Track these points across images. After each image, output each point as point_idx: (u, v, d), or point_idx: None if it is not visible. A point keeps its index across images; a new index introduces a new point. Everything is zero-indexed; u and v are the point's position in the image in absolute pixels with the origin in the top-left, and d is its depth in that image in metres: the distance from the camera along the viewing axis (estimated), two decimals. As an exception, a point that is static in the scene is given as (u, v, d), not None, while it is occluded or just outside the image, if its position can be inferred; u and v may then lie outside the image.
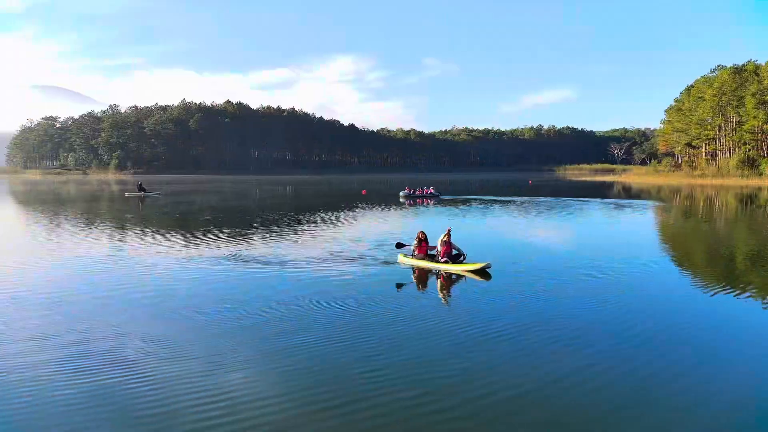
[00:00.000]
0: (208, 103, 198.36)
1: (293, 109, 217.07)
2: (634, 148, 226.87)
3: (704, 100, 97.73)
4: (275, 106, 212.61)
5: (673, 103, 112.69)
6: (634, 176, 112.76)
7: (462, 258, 16.81)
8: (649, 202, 49.95)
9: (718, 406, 7.65)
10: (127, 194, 62.93)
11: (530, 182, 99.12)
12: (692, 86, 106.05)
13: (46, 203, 51.40)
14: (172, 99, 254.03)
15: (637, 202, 49.89)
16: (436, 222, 31.32)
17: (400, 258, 17.94)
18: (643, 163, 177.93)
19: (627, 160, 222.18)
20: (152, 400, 7.67)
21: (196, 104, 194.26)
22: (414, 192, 56.70)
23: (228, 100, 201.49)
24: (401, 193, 57.20)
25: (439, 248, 16.99)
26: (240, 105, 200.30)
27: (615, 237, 26.76)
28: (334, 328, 10.82)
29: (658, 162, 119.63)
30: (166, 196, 61.46)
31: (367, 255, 19.23)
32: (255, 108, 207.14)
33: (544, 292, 13.83)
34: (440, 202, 48.95)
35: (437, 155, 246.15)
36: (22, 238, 26.65)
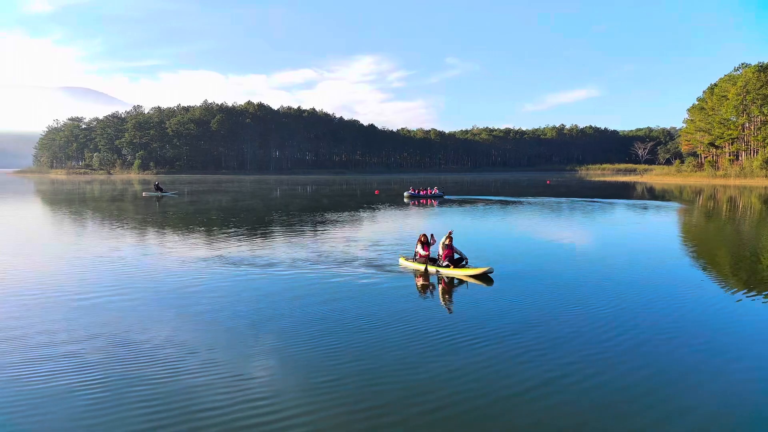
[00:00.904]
0: (230, 104, 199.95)
1: (314, 109, 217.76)
2: (658, 147, 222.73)
3: (727, 99, 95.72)
4: (296, 107, 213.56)
5: (696, 102, 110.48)
6: (656, 176, 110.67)
7: (464, 262, 16.58)
8: (668, 204, 48.90)
9: (733, 413, 7.65)
10: (144, 194, 64.01)
11: (549, 182, 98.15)
12: (716, 85, 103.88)
13: (63, 203, 52.46)
14: (197, 100, 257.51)
15: (656, 203, 48.94)
16: (439, 223, 31.09)
17: (401, 261, 17.73)
18: (668, 162, 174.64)
19: (651, 159, 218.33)
20: (161, 403, 7.86)
21: (217, 105, 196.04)
22: (418, 192, 56.93)
23: (249, 101, 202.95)
24: (405, 193, 57.57)
25: (440, 252, 16.74)
26: (261, 105, 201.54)
27: (625, 241, 25.96)
28: (333, 332, 10.85)
29: (681, 162, 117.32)
30: (181, 195, 62.22)
31: (368, 257, 19.13)
32: (276, 108, 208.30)
33: (546, 299, 13.57)
34: (444, 202, 48.80)
35: (457, 155, 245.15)
36: (24, 237, 27.16)
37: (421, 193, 56.73)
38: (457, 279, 15.78)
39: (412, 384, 8.48)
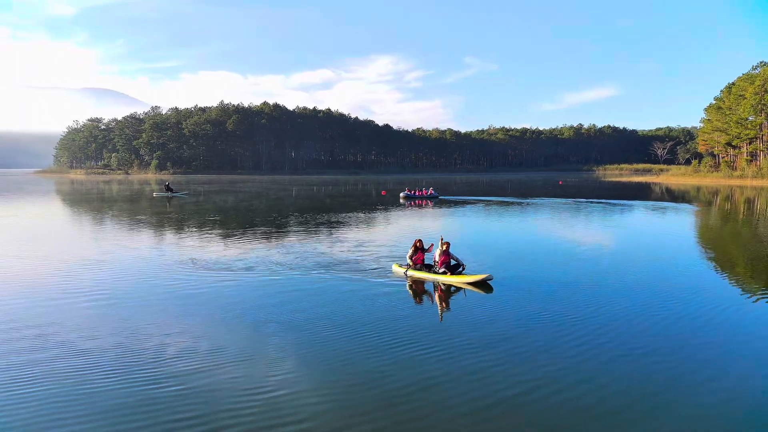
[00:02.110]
0: (246, 104, 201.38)
1: (329, 109, 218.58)
2: (678, 147, 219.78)
3: (745, 98, 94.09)
4: (311, 107, 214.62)
5: (713, 102, 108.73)
6: (671, 177, 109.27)
7: (461, 269, 15.81)
8: (679, 205, 47.91)
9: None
10: (154, 194, 64.83)
11: (561, 183, 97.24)
12: (733, 84, 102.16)
13: (70, 202, 53.40)
14: (217, 100, 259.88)
15: (666, 205, 48.21)
16: (437, 226, 30.80)
17: (395, 268, 16.90)
18: (688, 162, 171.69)
19: (670, 159, 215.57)
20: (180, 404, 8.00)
21: (234, 105, 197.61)
22: (413, 193, 56.92)
23: (265, 102, 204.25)
24: (401, 194, 57.45)
25: (436, 258, 16.00)
26: (276, 106, 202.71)
27: (634, 245, 24.55)
28: (323, 341, 10.48)
29: (698, 162, 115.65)
30: (191, 196, 62.82)
31: (359, 262, 18.46)
32: (291, 109, 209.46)
33: (550, 308, 12.80)
34: (441, 203, 48.53)
35: (473, 155, 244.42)
36: (15, 237, 27.62)
37: (417, 193, 56.60)
38: (454, 287, 15.05)
39: (399, 414, 7.82)
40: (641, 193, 67.48)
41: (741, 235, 28.77)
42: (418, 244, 16.51)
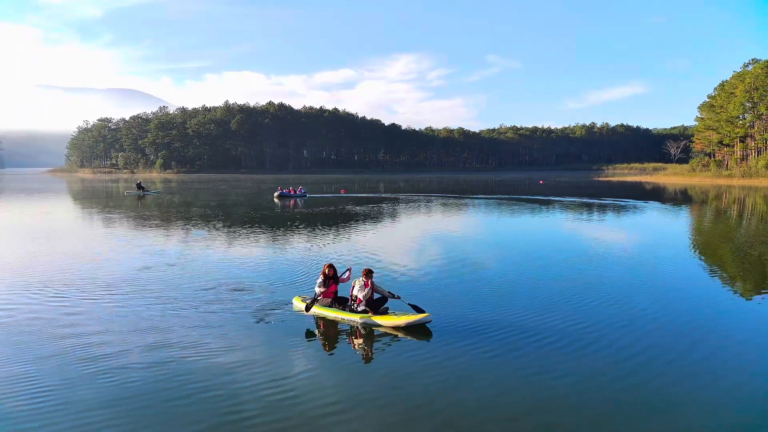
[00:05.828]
0: (252, 104, 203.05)
1: (336, 109, 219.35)
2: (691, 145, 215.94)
3: (735, 96, 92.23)
4: (317, 107, 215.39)
5: (707, 100, 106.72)
6: (663, 176, 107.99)
7: (387, 306, 12.02)
8: (649, 204, 47.39)
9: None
10: (126, 192, 66.34)
11: (541, 182, 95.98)
12: (726, 81, 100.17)
13: (33, 200, 54.77)
14: (241, 100, 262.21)
15: (655, 204, 47.67)
16: (366, 240, 24.71)
17: (296, 302, 12.77)
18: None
19: (684, 159, 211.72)
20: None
21: (238, 105, 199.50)
22: (286, 192, 55.61)
23: (270, 101, 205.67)
24: (275, 194, 55.62)
25: (355, 293, 11.98)
26: (281, 105, 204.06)
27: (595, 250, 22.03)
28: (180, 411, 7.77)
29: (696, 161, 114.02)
30: (162, 194, 63.88)
31: (247, 290, 14.43)
32: (297, 108, 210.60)
33: (513, 360, 9.61)
34: (312, 204, 46.01)
35: (482, 154, 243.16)
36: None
37: (290, 192, 55.40)
38: (380, 330, 11.34)
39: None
40: (618, 191, 66.31)
41: (680, 240, 28.32)
42: (327, 272, 12.47)
